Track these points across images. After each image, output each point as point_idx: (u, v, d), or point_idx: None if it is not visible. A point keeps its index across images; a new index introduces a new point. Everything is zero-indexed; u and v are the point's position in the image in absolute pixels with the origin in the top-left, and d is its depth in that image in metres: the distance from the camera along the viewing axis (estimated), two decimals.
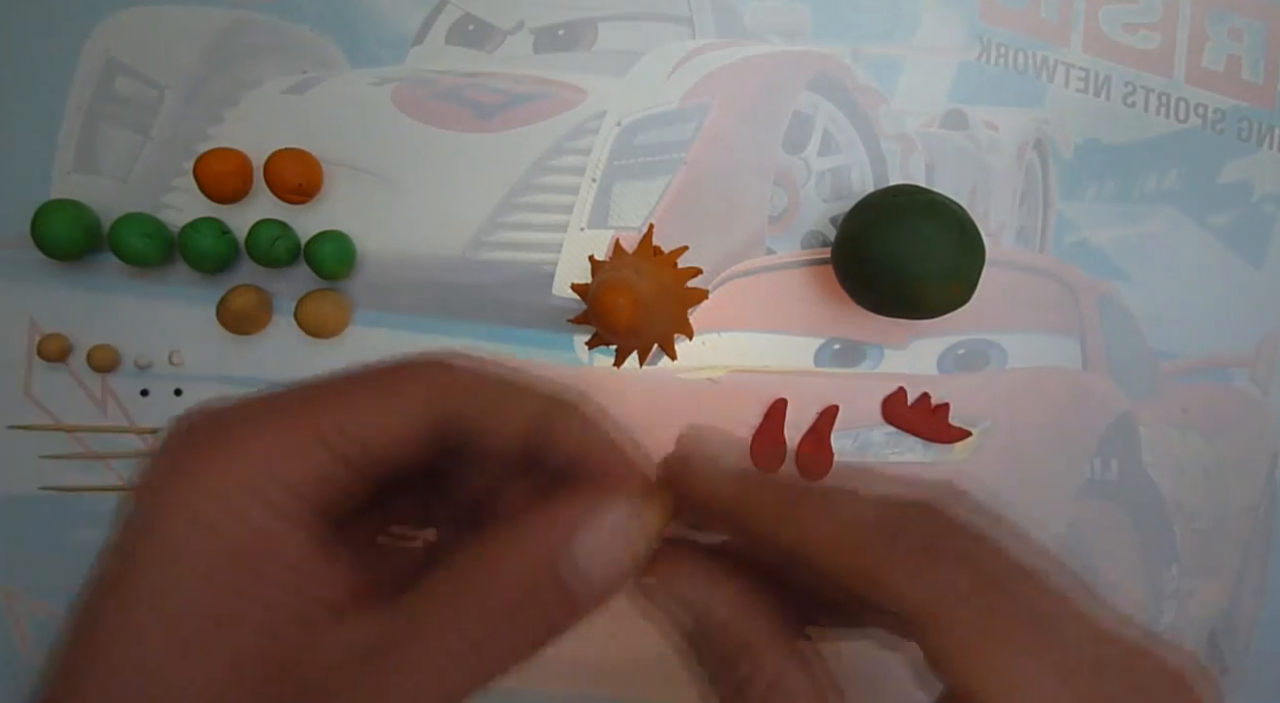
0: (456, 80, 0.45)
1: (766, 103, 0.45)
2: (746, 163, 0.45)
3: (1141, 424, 0.47)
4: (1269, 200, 0.47)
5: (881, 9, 0.46)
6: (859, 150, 0.46)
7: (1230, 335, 0.47)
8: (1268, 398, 0.48)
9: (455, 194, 0.44)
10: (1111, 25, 0.47)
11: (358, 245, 0.44)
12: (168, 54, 0.44)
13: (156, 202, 0.44)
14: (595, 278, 0.43)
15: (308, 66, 0.45)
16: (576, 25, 0.45)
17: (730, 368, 0.45)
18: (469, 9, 0.45)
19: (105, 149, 0.44)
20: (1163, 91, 0.47)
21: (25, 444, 0.43)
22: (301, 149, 0.43)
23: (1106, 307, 0.47)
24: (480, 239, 0.44)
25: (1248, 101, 0.47)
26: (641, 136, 0.45)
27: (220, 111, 0.44)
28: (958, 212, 0.40)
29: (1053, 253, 0.47)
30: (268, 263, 0.42)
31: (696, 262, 0.44)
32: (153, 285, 0.44)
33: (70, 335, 0.43)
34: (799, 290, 0.45)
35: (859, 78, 0.46)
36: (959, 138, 0.46)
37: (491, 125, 0.44)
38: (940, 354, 0.46)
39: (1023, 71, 0.46)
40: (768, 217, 0.45)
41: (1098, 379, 0.46)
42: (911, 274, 0.39)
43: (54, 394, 0.44)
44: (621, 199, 0.45)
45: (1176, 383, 0.47)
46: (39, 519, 0.43)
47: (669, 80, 0.45)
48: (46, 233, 0.40)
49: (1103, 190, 0.47)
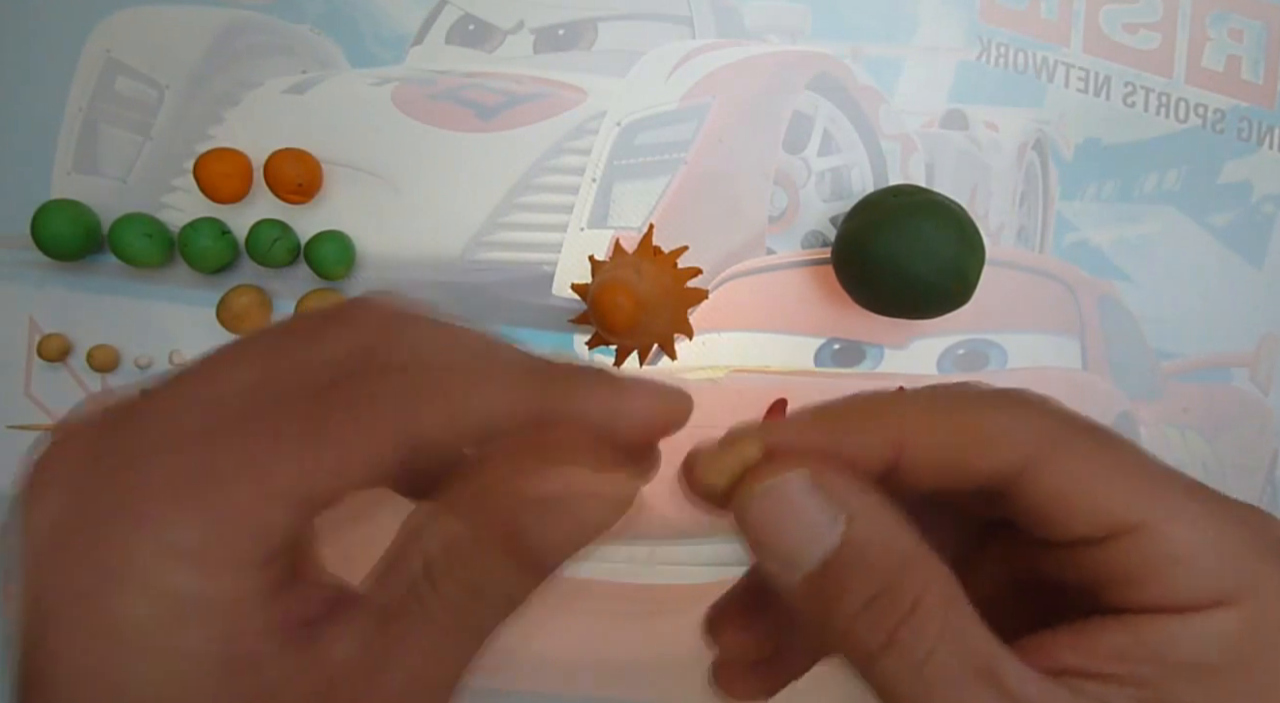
0: (456, 80, 0.45)
1: (766, 103, 0.45)
2: (746, 163, 0.45)
3: (1141, 424, 0.47)
4: (1269, 200, 0.47)
5: (881, 9, 0.46)
6: (859, 150, 0.46)
7: (1230, 335, 0.47)
8: (1268, 398, 0.48)
9: (455, 194, 0.44)
10: (1111, 25, 0.47)
11: (358, 245, 0.44)
12: (168, 54, 0.44)
13: (156, 202, 0.44)
14: (595, 278, 0.43)
15: (308, 66, 0.45)
16: (576, 25, 0.45)
17: (730, 368, 0.45)
18: (469, 9, 0.45)
19: (105, 149, 0.44)
20: (1163, 91, 0.47)
21: (25, 444, 0.43)
22: (301, 149, 0.43)
23: (1106, 307, 0.47)
24: (480, 239, 0.44)
25: (1248, 101, 0.47)
26: (641, 136, 0.45)
27: (220, 111, 0.44)
28: (958, 212, 0.40)
29: (1053, 253, 0.47)
30: (268, 263, 0.42)
31: (696, 262, 0.44)
32: (153, 285, 0.44)
33: (70, 335, 0.43)
34: (799, 290, 0.45)
35: (859, 78, 0.46)
36: (959, 138, 0.46)
37: (491, 125, 0.44)
38: (940, 354, 0.46)
39: (1023, 71, 0.46)
40: (768, 217, 0.45)
41: (1098, 379, 0.46)
42: (911, 274, 0.39)
43: (54, 394, 0.44)
44: (621, 199, 0.45)
45: (1176, 383, 0.47)
46: None
47: (669, 80, 0.45)
48: (46, 233, 0.40)
49: (1103, 190, 0.47)
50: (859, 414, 0.16)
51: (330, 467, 0.14)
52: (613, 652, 0.44)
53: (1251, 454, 0.48)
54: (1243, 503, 0.16)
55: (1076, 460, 0.16)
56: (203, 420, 0.14)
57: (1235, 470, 0.48)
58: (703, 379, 0.45)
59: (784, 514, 0.15)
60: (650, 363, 0.45)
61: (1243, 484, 0.48)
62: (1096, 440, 0.16)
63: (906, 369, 0.46)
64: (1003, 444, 0.16)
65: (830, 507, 0.15)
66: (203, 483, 0.13)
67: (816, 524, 0.15)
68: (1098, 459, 0.16)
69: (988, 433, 0.16)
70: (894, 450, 0.16)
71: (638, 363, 0.45)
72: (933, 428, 0.16)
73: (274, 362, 0.15)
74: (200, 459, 0.13)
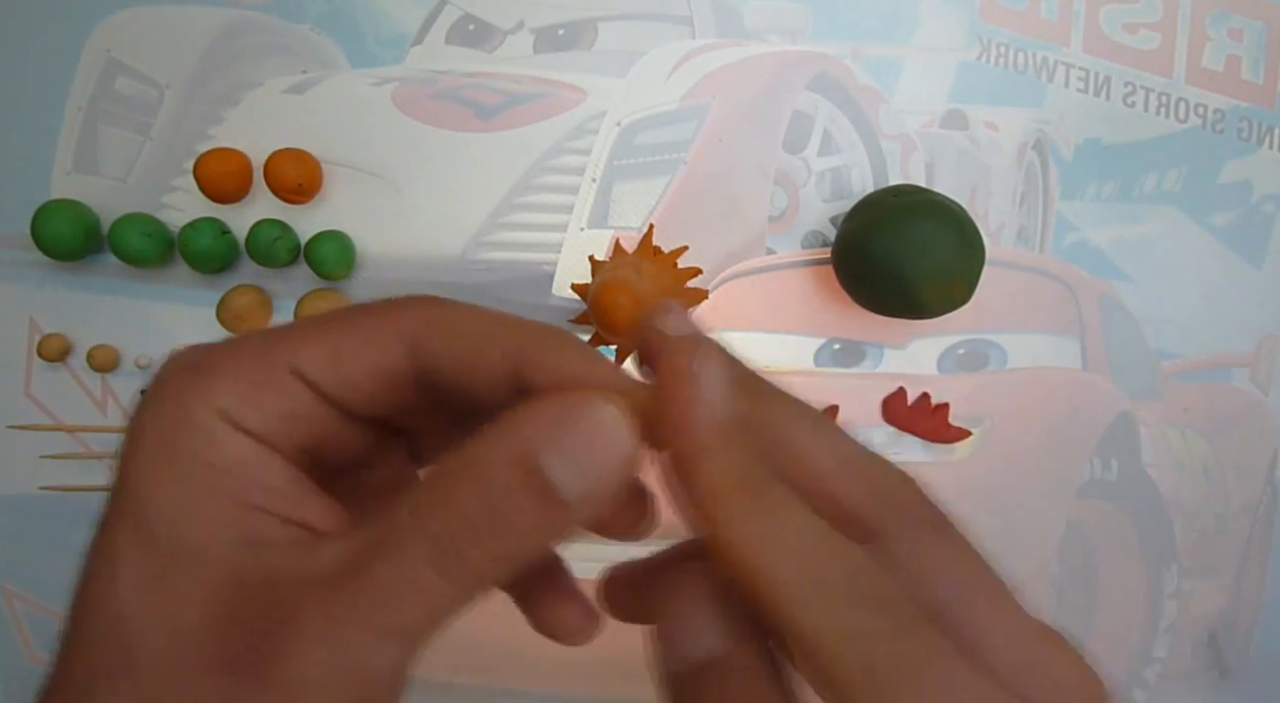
0: (456, 80, 0.45)
1: (766, 103, 0.45)
2: (746, 163, 0.45)
3: (1141, 424, 0.47)
4: (1269, 200, 0.47)
5: (881, 9, 0.46)
6: (859, 150, 0.46)
7: (1230, 335, 0.47)
8: (1268, 398, 0.48)
9: (455, 194, 0.44)
10: (1111, 25, 0.47)
11: (358, 245, 0.44)
12: (168, 54, 0.44)
13: (156, 202, 0.44)
14: (595, 278, 0.43)
15: (308, 66, 0.45)
16: (576, 25, 0.45)
17: None
18: (469, 9, 0.45)
19: (105, 149, 0.44)
20: (1163, 91, 0.47)
21: (25, 444, 0.43)
22: (301, 149, 0.43)
23: (1106, 307, 0.47)
24: (480, 239, 0.44)
25: (1248, 101, 0.47)
26: (641, 136, 0.45)
27: (220, 111, 0.44)
28: (958, 212, 0.40)
29: (1053, 253, 0.47)
30: (268, 263, 0.42)
31: (696, 262, 0.44)
32: (153, 285, 0.44)
33: (70, 335, 0.43)
34: (799, 290, 0.45)
35: (859, 78, 0.46)
36: (959, 138, 0.46)
37: (491, 125, 0.44)
38: (940, 354, 0.46)
39: (1023, 71, 0.46)
40: (768, 217, 0.45)
41: (1098, 379, 0.46)
42: (911, 274, 0.39)
43: (54, 394, 0.44)
44: (621, 199, 0.45)
45: (1176, 383, 0.47)
46: (39, 519, 0.43)
47: (669, 80, 0.45)
48: (46, 233, 0.40)
49: (1103, 190, 0.47)
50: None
51: (349, 350, 0.17)
52: (612, 652, 0.44)
53: (1251, 454, 0.48)
54: None
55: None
56: (268, 329, 0.18)
57: (1235, 471, 0.48)
58: None
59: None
60: None
61: (1243, 485, 0.48)
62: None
63: (906, 369, 0.46)
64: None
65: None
66: (243, 361, 0.17)
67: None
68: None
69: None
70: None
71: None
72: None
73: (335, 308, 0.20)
74: (249, 346, 0.18)
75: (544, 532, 0.16)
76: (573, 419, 0.15)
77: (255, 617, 0.15)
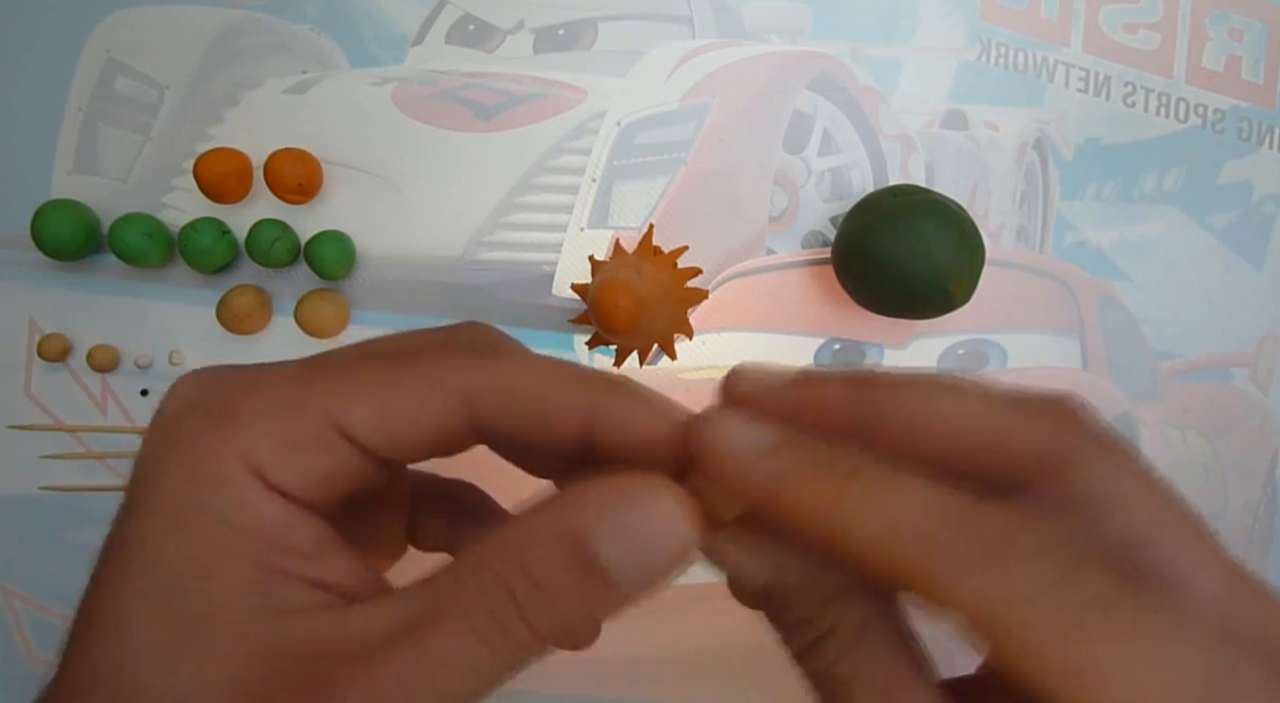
0: (456, 80, 0.45)
1: (766, 103, 0.45)
2: (746, 163, 0.45)
3: (1141, 424, 0.47)
4: (1269, 200, 0.47)
5: (881, 9, 0.46)
6: (859, 150, 0.46)
7: (1230, 335, 0.47)
8: (1268, 398, 0.48)
9: (455, 194, 0.44)
10: (1111, 25, 0.47)
11: (358, 245, 0.44)
12: (168, 54, 0.44)
13: (156, 202, 0.44)
14: (595, 278, 0.43)
15: (308, 66, 0.45)
16: (576, 25, 0.45)
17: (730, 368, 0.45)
18: (469, 9, 0.45)
19: (105, 149, 0.44)
20: (1163, 91, 0.47)
21: (25, 444, 0.43)
22: (301, 149, 0.43)
23: (1106, 307, 0.47)
24: (480, 239, 0.44)
25: (1248, 101, 0.47)
26: (641, 136, 0.45)
27: (220, 111, 0.44)
28: (958, 212, 0.40)
29: (1053, 253, 0.47)
30: (268, 263, 0.42)
31: (696, 262, 0.44)
32: (153, 285, 0.44)
33: (70, 335, 0.43)
34: (799, 290, 0.45)
35: (859, 78, 0.46)
36: (959, 138, 0.46)
37: (491, 125, 0.44)
38: (940, 354, 0.46)
39: (1023, 71, 0.46)
40: (768, 217, 0.45)
41: (1098, 379, 0.46)
42: (911, 274, 0.39)
43: (54, 394, 0.44)
44: (621, 199, 0.45)
45: (1176, 383, 0.47)
46: (39, 519, 0.43)
47: (669, 80, 0.45)
48: (46, 233, 0.40)
49: (1103, 190, 0.47)
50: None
51: (398, 410, 0.16)
52: (613, 651, 0.44)
53: (1251, 454, 0.48)
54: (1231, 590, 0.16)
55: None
56: (297, 370, 0.17)
57: (1235, 470, 0.48)
58: (703, 379, 0.45)
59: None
60: (650, 363, 0.45)
61: (1243, 485, 0.48)
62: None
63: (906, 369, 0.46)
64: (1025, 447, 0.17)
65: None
66: (280, 413, 0.16)
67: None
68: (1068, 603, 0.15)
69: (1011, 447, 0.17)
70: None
71: (638, 363, 0.45)
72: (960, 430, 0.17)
73: (367, 343, 0.18)
74: (284, 395, 0.16)
75: (597, 610, 0.15)
76: (624, 504, 0.15)
77: (287, 689, 0.14)
